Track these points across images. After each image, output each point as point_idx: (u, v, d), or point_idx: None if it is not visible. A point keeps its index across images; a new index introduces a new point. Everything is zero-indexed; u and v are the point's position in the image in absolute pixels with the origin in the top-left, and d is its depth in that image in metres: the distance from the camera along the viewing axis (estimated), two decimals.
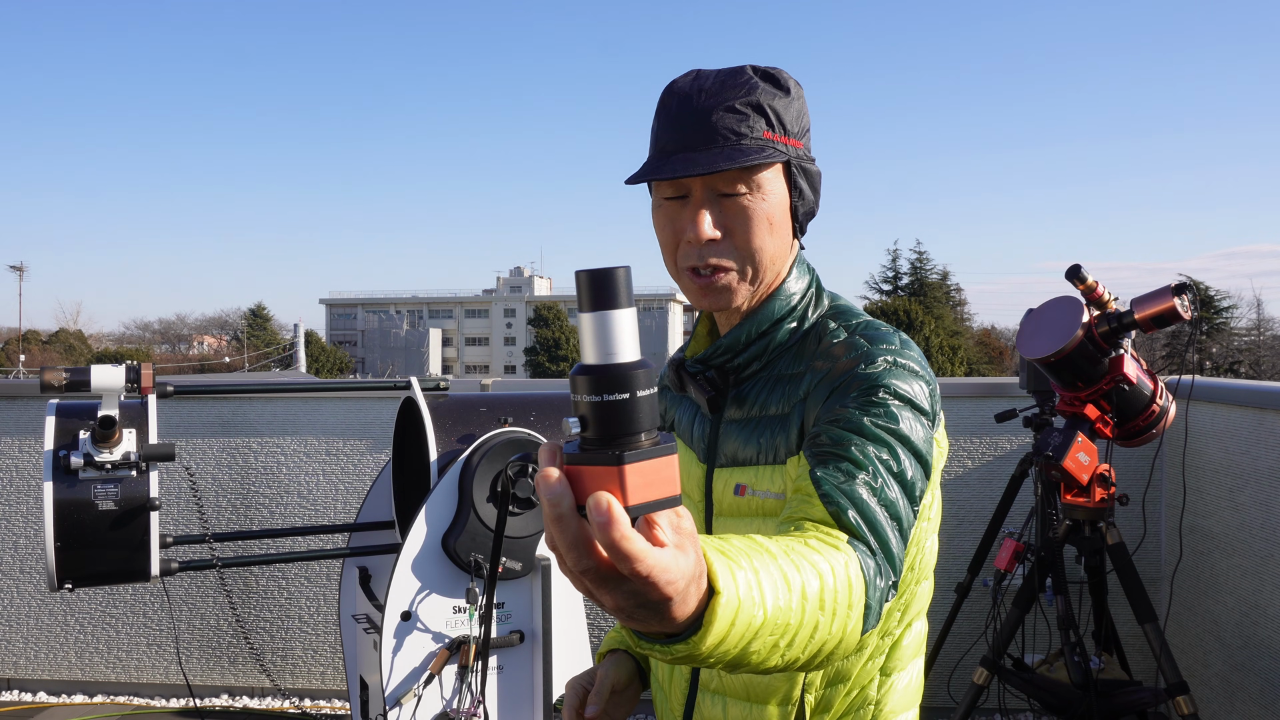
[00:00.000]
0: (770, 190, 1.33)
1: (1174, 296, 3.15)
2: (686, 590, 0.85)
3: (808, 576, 1.01)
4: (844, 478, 1.17)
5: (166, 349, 79.53)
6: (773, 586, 0.97)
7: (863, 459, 1.19)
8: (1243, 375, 38.83)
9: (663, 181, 1.33)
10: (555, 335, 64.20)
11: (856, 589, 1.07)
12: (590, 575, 0.81)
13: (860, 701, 1.36)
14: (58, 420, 2.84)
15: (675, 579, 0.82)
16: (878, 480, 1.18)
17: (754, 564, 0.96)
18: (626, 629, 0.90)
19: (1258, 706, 3.63)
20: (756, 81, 1.32)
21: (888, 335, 1.33)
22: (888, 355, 1.29)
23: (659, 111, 1.36)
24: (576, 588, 0.84)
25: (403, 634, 2.81)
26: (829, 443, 1.22)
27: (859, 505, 1.15)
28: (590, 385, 0.81)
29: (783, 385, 1.35)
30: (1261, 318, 46.50)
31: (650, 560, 0.79)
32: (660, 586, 0.81)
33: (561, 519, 0.79)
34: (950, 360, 39.16)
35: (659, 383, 1.52)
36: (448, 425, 3.02)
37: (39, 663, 4.77)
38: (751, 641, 0.95)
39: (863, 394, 1.25)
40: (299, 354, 62.48)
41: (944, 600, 4.42)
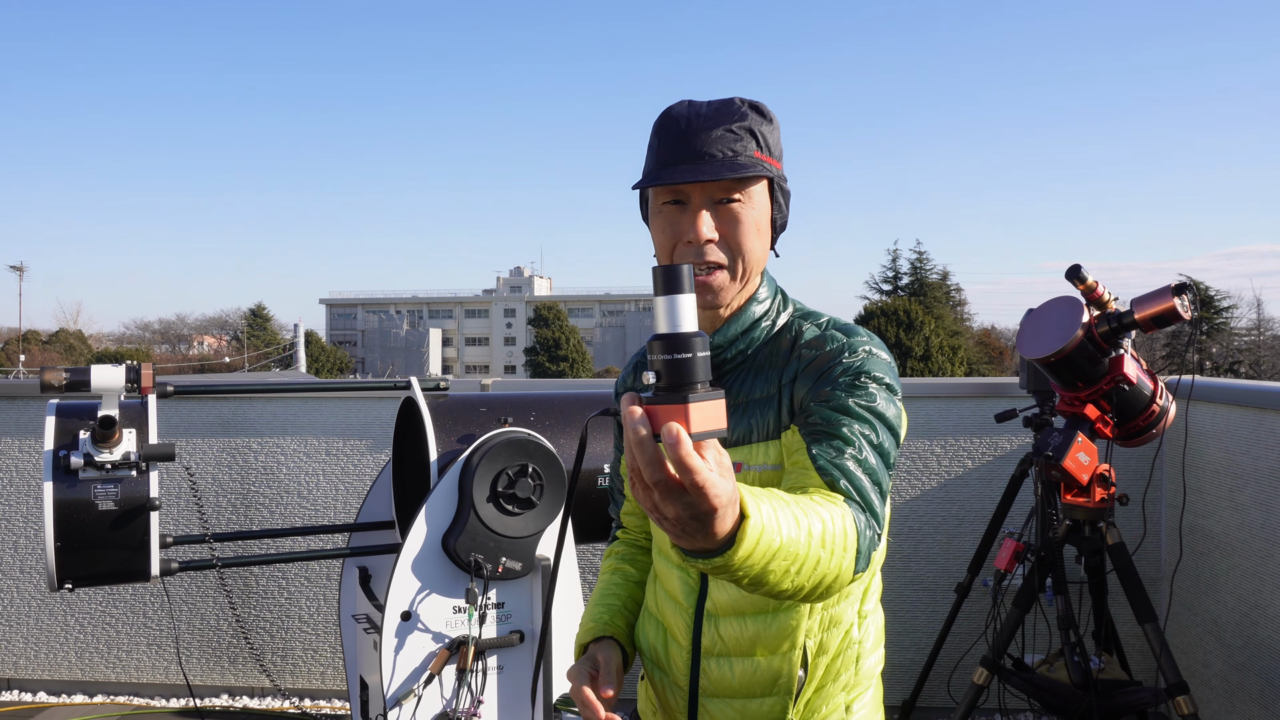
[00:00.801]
0: (758, 201, 1.57)
1: (1174, 296, 3.15)
2: (726, 508, 1.10)
3: (813, 520, 1.26)
4: (835, 453, 1.43)
5: (166, 349, 79.50)
6: (787, 522, 1.22)
7: (850, 435, 1.45)
8: (1243, 375, 38.83)
9: (663, 188, 1.55)
10: (555, 335, 64.18)
11: (850, 536, 1.32)
12: (660, 486, 1.07)
13: (847, 643, 1.62)
14: (58, 420, 2.84)
15: (720, 494, 1.08)
16: (862, 453, 1.44)
17: (773, 504, 1.21)
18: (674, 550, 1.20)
19: (1258, 706, 3.63)
20: (746, 110, 1.56)
21: (858, 330, 1.58)
22: (865, 346, 1.54)
23: (658, 131, 1.58)
24: (646, 504, 1.10)
25: (403, 634, 2.81)
26: (821, 422, 1.47)
27: (848, 475, 1.42)
28: (663, 347, 1.10)
29: (765, 374, 1.58)
30: (1261, 318, 46.51)
31: (705, 474, 1.05)
32: (710, 498, 1.07)
33: (643, 442, 1.07)
34: (950, 360, 39.14)
35: (630, 382, 1.78)
36: (448, 425, 3.02)
37: (39, 663, 4.77)
38: (770, 562, 1.20)
39: (848, 378, 1.50)
40: (299, 354, 62.47)
41: (944, 600, 4.42)
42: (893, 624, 4.52)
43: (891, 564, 4.52)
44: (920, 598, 4.51)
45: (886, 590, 4.51)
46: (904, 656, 4.51)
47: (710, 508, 1.08)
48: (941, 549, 4.51)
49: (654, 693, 1.73)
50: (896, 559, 4.51)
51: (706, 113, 1.56)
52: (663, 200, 1.57)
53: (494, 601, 2.90)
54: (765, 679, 1.59)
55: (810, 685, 1.60)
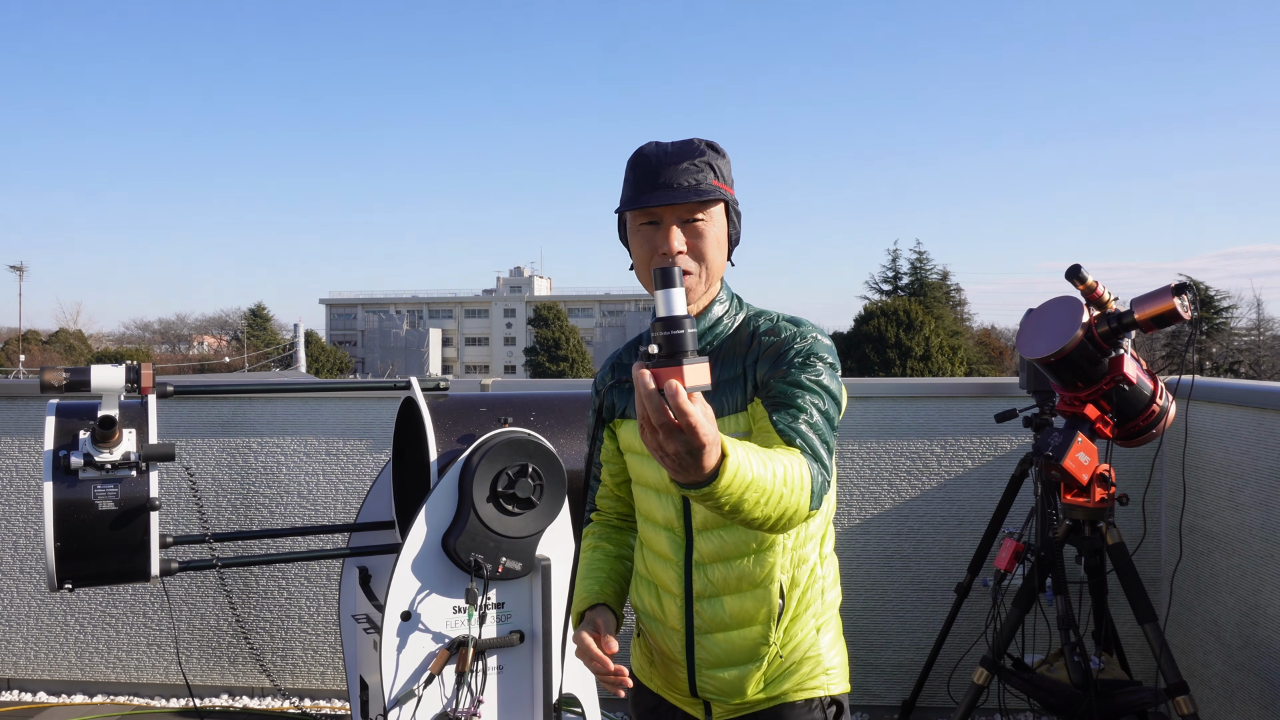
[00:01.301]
0: (717, 220, 1.94)
1: (1174, 296, 3.15)
2: (712, 446, 1.45)
3: (776, 465, 1.62)
4: (791, 419, 1.80)
5: (166, 349, 79.46)
6: (758, 464, 1.57)
7: (803, 405, 1.81)
8: (1243, 375, 38.83)
9: (640, 211, 1.92)
10: (555, 335, 64.17)
11: (805, 478, 1.68)
12: (664, 428, 1.42)
13: (814, 578, 1.96)
14: (58, 420, 2.84)
15: (707, 433, 1.43)
16: (813, 418, 1.81)
17: (747, 450, 1.57)
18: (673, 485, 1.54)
19: (1258, 706, 3.63)
20: (704, 148, 1.93)
21: (804, 320, 1.96)
22: (811, 334, 1.91)
23: (633, 166, 1.93)
24: (652, 445, 1.45)
25: (403, 634, 2.81)
26: (779, 395, 1.84)
27: (802, 435, 1.79)
28: (663, 326, 1.46)
29: (730, 360, 1.93)
30: (1261, 318, 46.49)
31: (696, 416, 1.41)
32: (700, 435, 1.42)
33: (650, 395, 1.42)
34: (950, 360, 39.12)
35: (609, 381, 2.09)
36: (448, 425, 3.02)
37: (39, 663, 4.77)
38: (745, 493, 1.54)
39: (800, 359, 1.87)
40: (299, 354, 62.44)
41: (944, 600, 4.42)
42: (893, 624, 4.52)
43: (891, 564, 4.52)
44: (920, 598, 4.51)
45: (887, 590, 4.51)
46: (904, 656, 4.51)
47: (700, 443, 1.43)
48: (941, 549, 4.51)
49: (649, 645, 2.05)
50: (896, 559, 4.52)
51: (673, 150, 1.91)
52: (640, 221, 1.92)
53: (494, 601, 2.90)
54: (751, 611, 1.92)
55: (787, 614, 1.93)
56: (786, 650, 1.94)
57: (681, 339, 1.44)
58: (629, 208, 1.91)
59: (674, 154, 1.90)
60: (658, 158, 1.91)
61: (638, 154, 1.94)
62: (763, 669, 1.94)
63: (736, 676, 1.94)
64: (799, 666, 1.96)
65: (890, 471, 4.53)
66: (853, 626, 4.52)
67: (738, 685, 1.94)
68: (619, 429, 2.06)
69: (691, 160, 1.90)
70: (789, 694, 1.96)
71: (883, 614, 4.52)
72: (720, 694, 1.96)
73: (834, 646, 2.01)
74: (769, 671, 1.94)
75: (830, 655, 1.99)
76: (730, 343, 1.95)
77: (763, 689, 1.95)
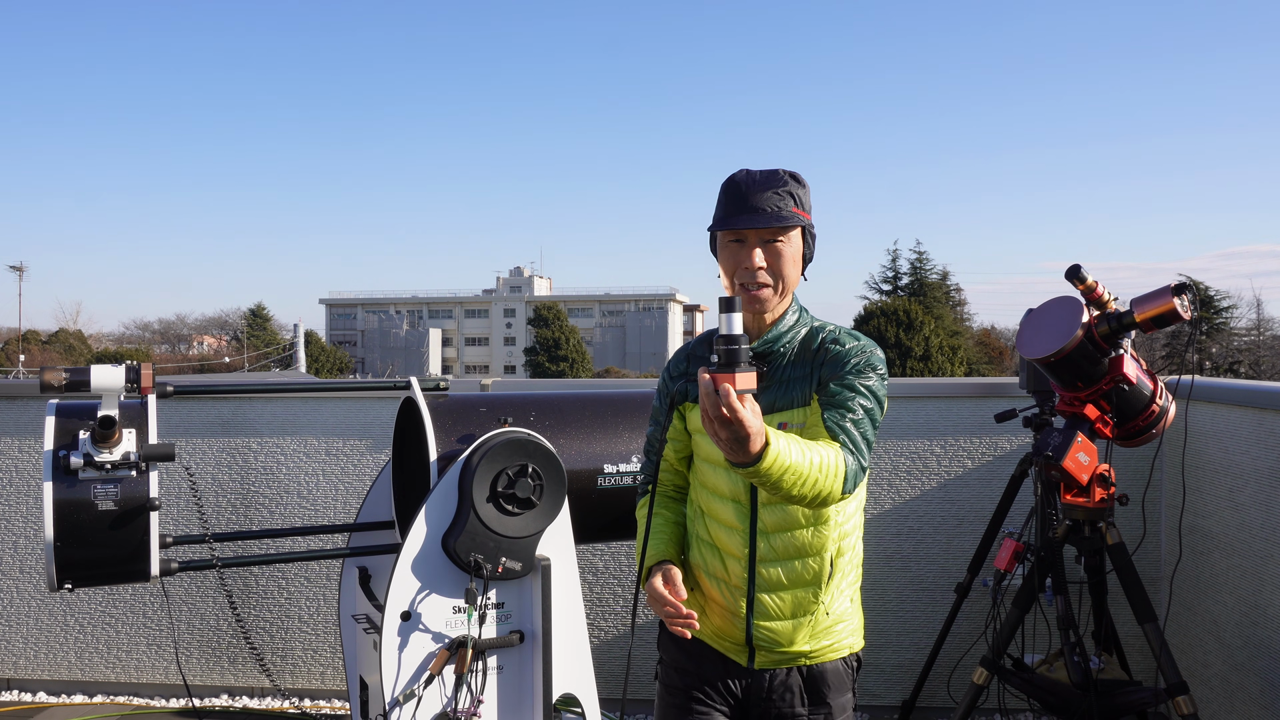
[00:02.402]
0: (795, 242, 2.27)
1: (1174, 296, 3.15)
2: (756, 436, 1.87)
3: (814, 454, 2.02)
4: (839, 417, 2.18)
5: (166, 349, 79.39)
6: (797, 453, 1.98)
7: (851, 405, 2.19)
8: (1243, 375, 38.82)
9: (729, 231, 2.26)
10: (555, 335, 64.18)
11: (840, 467, 2.08)
12: (718, 420, 1.84)
13: (854, 550, 2.38)
14: (58, 420, 2.84)
15: (754, 426, 1.86)
16: (858, 415, 2.19)
17: (789, 440, 1.98)
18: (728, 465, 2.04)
19: (1258, 707, 3.63)
20: (787, 179, 2.26)
21: (862, 335, 2.31)
22: (870, 348, 2.28)
23: (725, 190, 2.29)
24: (710, 431, 1.87)
25: (403, 634, 2.81)
26: (833, 395, 2.21)
27: (845, 431, 2.17)
28: (724, 341, 1.86)
29: (801, 361, 2.29)
30: (1261, 318, 46.48)
31: (743, 413, 1.84)
32: (746, 428, 1.85)
33: (710, 394, 1.84)
34: (950, 360, 39.13)
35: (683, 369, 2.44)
36: (448, 425, 3.02)
37: (39, 663, 4.77)
38: (784, 474, 1.97)
39: (859, 367, 2.23)
40: (299, 354, 62.41)
41: (944, 600, 4.42)
42: (893, 624, 4.52)
43: (891, 564, 4.52)
44: (920, 598, 4.51)
45: (887, 589, 4.52)
46: (904, 656, 4.51)
47: (746, 433, 1.86)
48: (941, 549, 4.51)
49: (706, 600, 2.37)
50: (896, 559, 4.52)
51: (760, 179, 2.25)
52: (728, 239, 2.27)
53: (494, 601, 2.89)
54: (807, 574, 2.28)
55: (834, 578, 2.31)
56: (832, 611, 2.31)
57: (736, 353, 1.85)
58: (720, 228, 2.26)
59: (761, 182, 2.24)
60: (747, 184, 2.24)
61: (729, 180, 2.28)
62: (811, 624, 2.30)
63: (789, 629, 2.29)
64: (836, 626, 2.34)
65: (890, 471, 4.53)
66: None
67: (789, 637, 2.30)
68: (689, 412, 2.38)
69: (775, 189, 2.22)
70: (825, 652, 2.33)
71: (883, 614, 4.52)
72: (770, 643, 2.30)
73: (857, 612, 2.42)
74: (815, 627, 2.30)
75: (855, 618, 2.40)
76: (802, 346, 2.30)
77: (808, 642, 2.30)
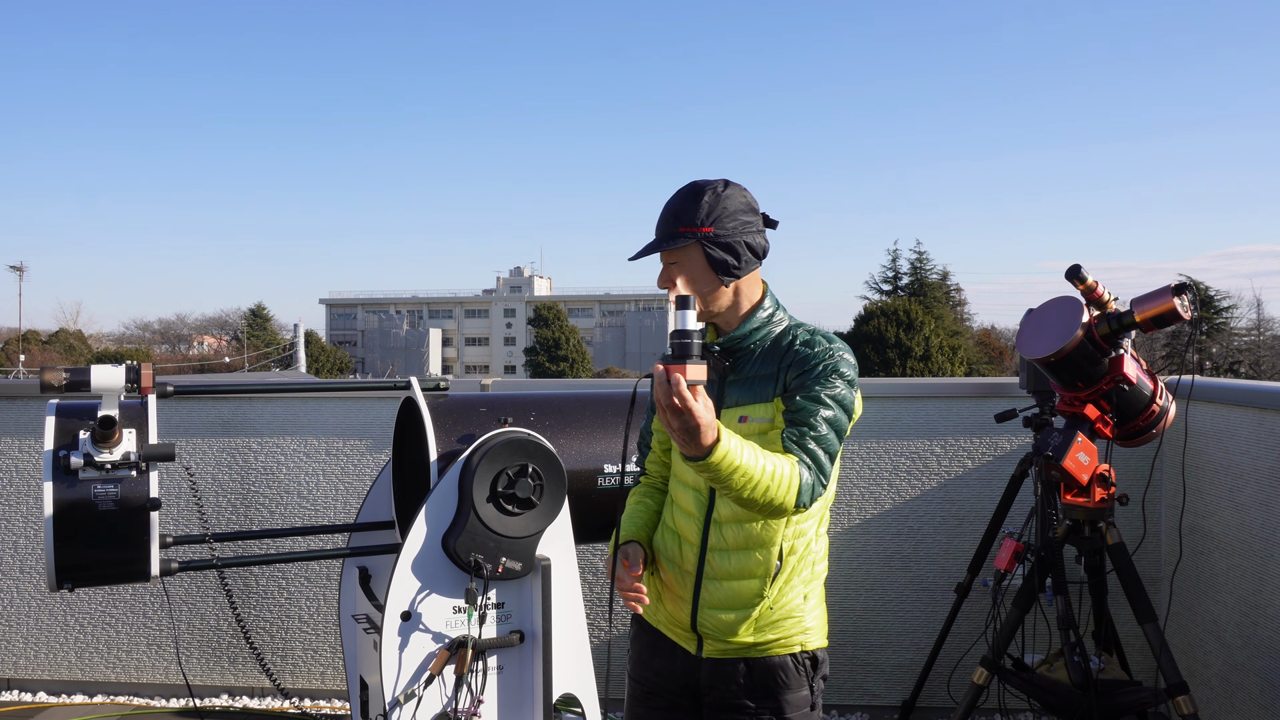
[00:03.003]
0: (691, 258, 2.31)
1: (1174, 296, 3.15)
2: (706, 429, 1.97)
3: (767, 463, 2.10)
4: (798, 435, 2.21)
5: (166, 349, 79.32)
6: (749, 456, 2.07)
7: (813, 422, 2.21)
8: (1243, 375, 38.81)
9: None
10: (555, 335, 64.15)
11: (794, 481, 2.14)
12: (669, 409, 1.95)
13: (808, 550, 2.36)
14: (58, 420, 2.84)
15: (703, 418, 1.96)
16: (819, 430, 2.21)
17: (743, 443, 2.08)
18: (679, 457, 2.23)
19: (1258, 706, 3.63)
20: (687, 196, 2.32)
21: (834, 338, 2.33)
22: (840, 352, 2.30)
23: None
24: (663, 420, 1.97)
25: (403, 634, 2.81)
26: (796, 410, 2.24)
27: (804, 450, 2.20)
28: (676, 335, 1.98)
29: (769, 359, 2.33)
30: (1261, 318, 46.45)
31: (691, 403, 1.94)
32: (695, 418, 1.95)
33: (662, 384, 1.94)
34: (950, 360, 39.09)
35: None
36: (448, 425, 3.02)
37: (39, 663, 4.77)
38: (732, 474, 2.05)
39: (824, 372, 2.26)
40: (299, 354, 62.39)
41: (944, 600, 4.42)
42: (893, 624, 4.52)
43: (891, 564, 4.52)
44: (920, 598, 4.51)
45: (887, 589, 4.52)
46: (904, 656, 4.51)
47: (695, 425, 1.96)
48: (941, 549, 4.50)
49: (662, 583, 2.43)
50: (896, 559, 4.52)
51: (667, 204, 2.35)
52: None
53: (494, 601, 2.89)
54: (754, 566, 2.31)
55: (782, 574, 2.32)
56: (776, 605, 2.32)
57: (688, 346, 1.96)
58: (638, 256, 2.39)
59: (665, 206, 2.34)
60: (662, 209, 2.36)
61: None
62: (754, 616, 2.31)
63: (732, 620, 2.32)
64: (784, 621, 2.33)
65: (890, 471, 4.53)
66: (853, 626, 4.52)
67: (732, 627, 2.32)
68: None
69: (674, 210, 2.32)
70: (772, 646, 2.33)
71: (883, 614, 4.52)
72: (715, 632, 2.34)
73: (815, 610, 2.39)
74: (759, 620, 2.31)
75: (810, 617, 2.37)
76: (773, 344, 2.34)
77: (751, 634, 2.32)
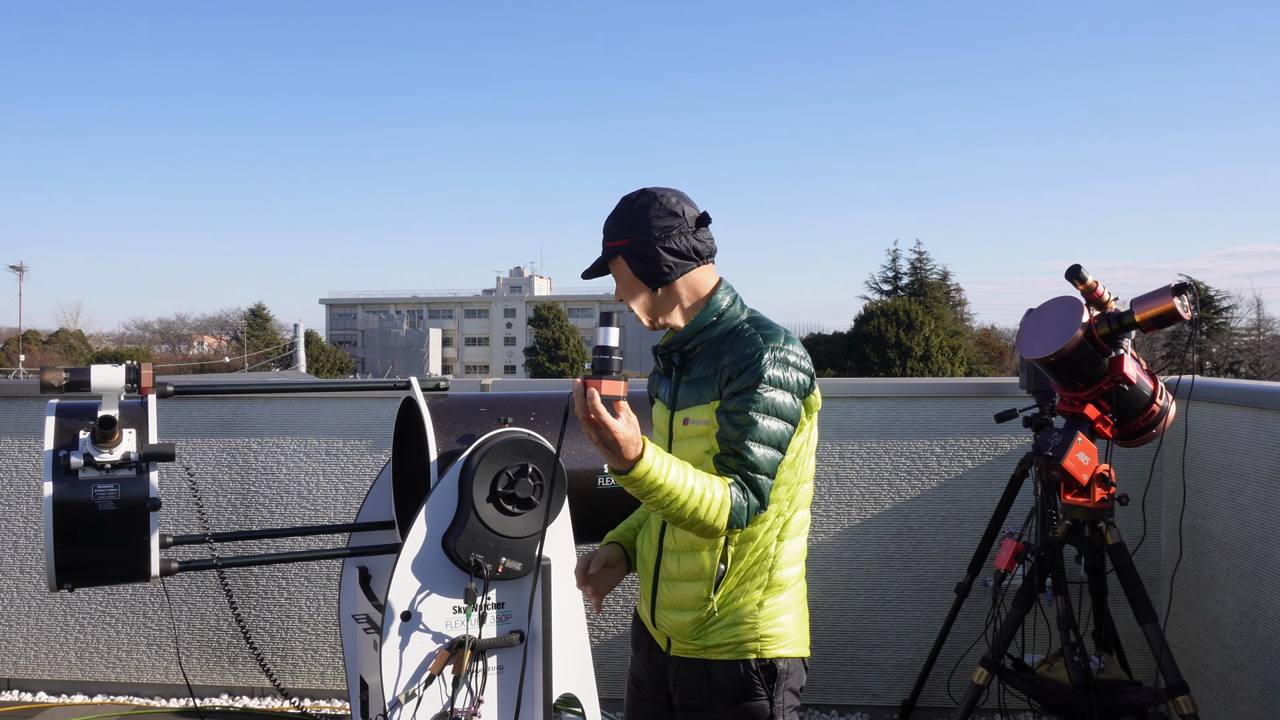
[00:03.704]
0: (619, 272, 2.34)
1: (1174, 296, 3.15)
2: (625, 444, 2.01)
3: (696, 484, 2.09)
4: (726, 458, 2.18)
5: (166, 349, 79.29)
6: (675, 475, 2.07)
7: (742, 444, 2.16)
8: (1243, 375, 38.80)
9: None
10: (555, 335, 64.15)
11: (724, 503, 2.12)
12: (588, 423, 1.99)
13: (763, 555, 2.30)
14: (58, 420, 2.84)
15: (618, 432, 1.99)
16: (752, 455, 2.16)
17: (670, 461, 2.09)
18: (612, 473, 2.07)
19: (1258, 706, 3.63)
20: (615, 212, 2.34)
21: (777, 333, 2.25)
22: (773, 350, 2.20)
23: None
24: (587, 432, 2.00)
25: (403, 634, 2.81)
26: (725, 429, 2.19)
27: (736, 471, 2.16)
28: (597, 352, 2.04)
29: (711, 360, 2.28)
30: (1261, 318, 46.44)
31: (607, 417, 1.98)
32: (610, 431, 1.99)
33: (580, 397, 1.98)
34: (950, 360, 39.08)
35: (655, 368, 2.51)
36: (448, 425, 3.02)
37: (39, 663, 4.77)
38: (653, 491, 2.06)
39: (753, 381, 2.18)
40: (299, 354, 62.39)
41: (944, 600, 4.42)
42: (893, 624, 4.52)
43: (891, 564, 4.52)
44: (920, 598, 4.51)
45: (887, 590, 4.51)
46: (904, 656, 4.51)
47: (612, 439, 1.99)
48: (941, 549, 4.50)
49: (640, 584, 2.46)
50: (896, 559, 4.52)
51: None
52: None
53: (494, 601, 2.90)
54: (697, 568, 2.29)
55: (729, 578, 2.28)
56: (723, 609, 2.29)
57: (607, 362, 2.03)
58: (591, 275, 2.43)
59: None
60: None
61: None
62: (700, 618, 2.29)
63: (681, 621, 2.32)
64: (733, 628, 2.29)
65: (890, 471, 4.53)
66: (853, 626, 4.52)
67: (683, 628, 2.32)
68: (653, 409, 2.48)
69: (606, 228, 2.35)
70: (725, 651, 2.30)
71: (883, 614, 4.52)
72: (670, 631, 2.36)
73: (775, 618, 2.31)
74: (705, 623, 2.29)
75: (768, 624, 2.30)
76: (714, 346, 2.30)
77: (699, 635, 2.30)
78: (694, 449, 2.25)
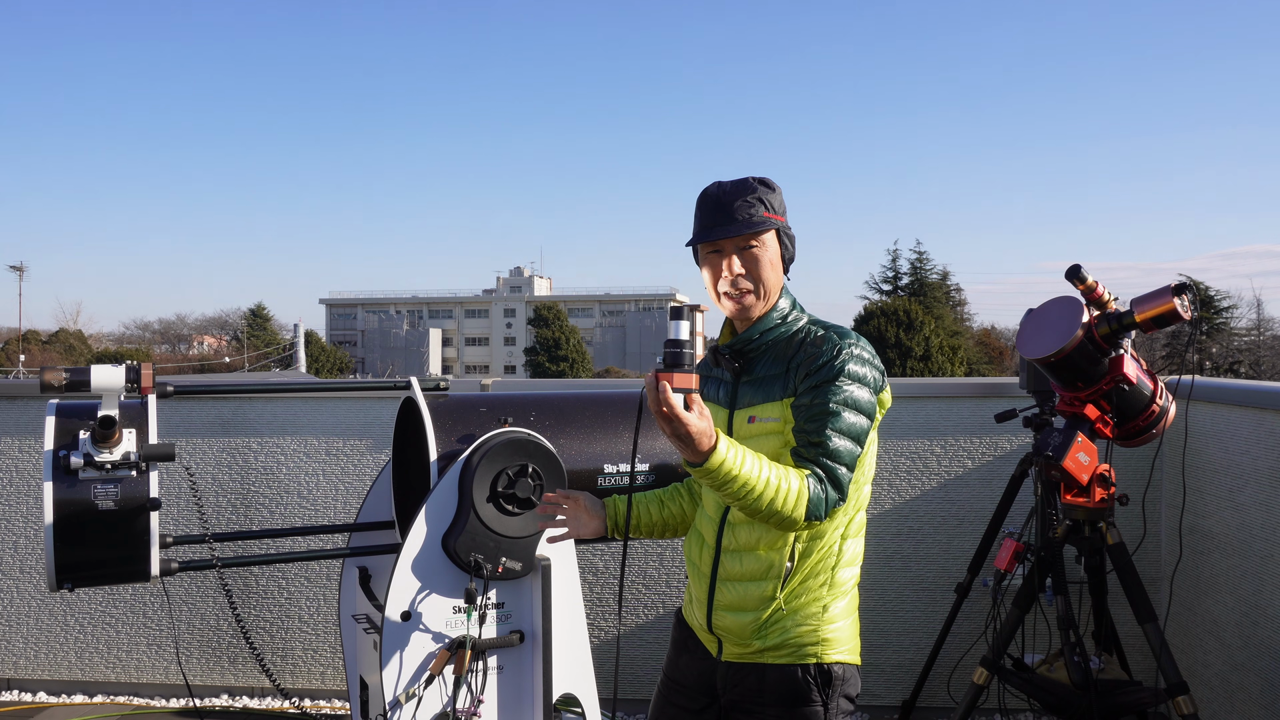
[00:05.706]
0: (770, 246, 2.30)
1: (1174, 296, 3.15)
2: (699, 437, 1.98)
3: (771, 474, 2.08)
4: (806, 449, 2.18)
5: (166, 349, 79.25)
6: (750, 466, 2.06)
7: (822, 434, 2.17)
8: (1243, 375, 38.80)
9: (707, 243, 2.30)
10: (555, 335, 64.15)
11: (801, 494, 2.10)
12: (660, 415, 1.96)
13: (828, 553, 2.29)
14: (58, 420, 2.84)
15: (691, 424, 1.96)
16: (830, 444, 2.16)
17: (744, 452, 2.07)
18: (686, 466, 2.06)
19: (1258, 706, 3.63)
20: (756, 185, 2.29)
21: (847, 332, 2.27)
22: (846, 347, 2.22)
23: (699, 204, 2.32)
24: (660, 425, 1.98)
25: (403, 634, 2.81)
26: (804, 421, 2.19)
27: (815, 462, 2.16)
28: (669, 345, 2.01)
29: (779, 359, 2.30)
30: (1261, 318, 46.46)
31: (680, 410, 1.96)
32: (684, 424, 1.96)
33: (652, 390, 1.96)
34: (950, 360, 39.09)
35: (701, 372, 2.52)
36: (448, 425, 3.02)
37: (39, 663, 4.77)
38: (729, 483, 2.04)
39: (831, 374, 2.20)
40: (299, 354, 62.36)
41: (944, 600, 4.42)
42: (893, 624, 4.52)
43: (891, 564, 4.52)
44: (920, 598, 4.51)
45: (887, 589, 4.52)
46: (904, 656, 4.51)
47: (685, 432, 1.97)
48: (941, 549, 4.50)
49: (691, 587, 2.43)
50: (896, 559, 4.52)
51: (730, 189, 2.28)
52: (707, 251, 2.31)
53: (494, 601, 2.90)
54: (764, 567, 2.26)
55: (795, 576, 2.26)
56: (790, 608, 2.26)
57: (679, 355, 2.00)
58: (697, 241, 2.30)
59: (731, 191, 2.28)
60: (718, 196, 2.28)
61: (702, 193, 2.32)
62: (764, 619, 2.26)
63: (741, 622, 2.28)
64: (797, 628, 2.26)
65: (890, 471, 4.53)
66: None
67: (743, 629, 2.28)
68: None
69: (745, 197, 2.26)
70: (784, 655, 2.27)
71: (883, 614, 4.52)
72: (728, 633, 2.31)
73: (836, 621, 2.29)
74: (769, 622, 2.26)
75: (828, 628, 2.28)
76: (784, 345, 2.31)
77: (762, 638, 2.26)
78: (761, 447, 2.20)
